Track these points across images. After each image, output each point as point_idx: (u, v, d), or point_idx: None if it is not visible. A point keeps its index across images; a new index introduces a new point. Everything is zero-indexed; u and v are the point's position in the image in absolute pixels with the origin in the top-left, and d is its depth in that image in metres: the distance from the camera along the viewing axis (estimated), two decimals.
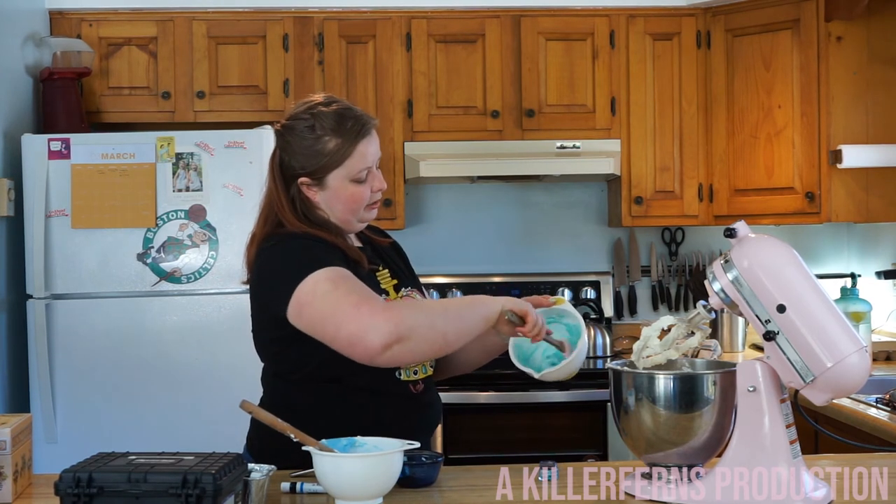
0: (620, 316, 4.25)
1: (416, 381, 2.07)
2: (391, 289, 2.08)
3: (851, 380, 1.63)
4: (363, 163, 2.03)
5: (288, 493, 1.83)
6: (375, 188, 2.06)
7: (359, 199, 2.05)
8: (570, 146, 3.80)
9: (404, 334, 1.80)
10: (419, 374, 2.08)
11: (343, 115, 2.03)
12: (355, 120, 2.03)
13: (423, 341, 1.84)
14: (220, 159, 3.34)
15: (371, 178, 2.06)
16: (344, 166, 2.02)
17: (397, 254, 2.23)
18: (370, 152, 2.04)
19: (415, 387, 2.06)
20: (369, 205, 2.07)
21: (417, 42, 3.82)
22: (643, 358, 1.81)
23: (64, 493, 1.49)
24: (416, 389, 2.06)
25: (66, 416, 3.30)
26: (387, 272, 2.11)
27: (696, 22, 3.88)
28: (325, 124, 2.01)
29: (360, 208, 2.06)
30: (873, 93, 3.63)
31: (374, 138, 2.06)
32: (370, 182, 2.05)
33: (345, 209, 2.05)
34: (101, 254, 3.32)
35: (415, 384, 2.06)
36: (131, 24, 3.80)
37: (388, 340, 1.79)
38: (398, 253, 2.23)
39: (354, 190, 2.03)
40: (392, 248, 2.22)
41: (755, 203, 3.76)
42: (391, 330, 1.79)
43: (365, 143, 2.03)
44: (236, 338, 3.30)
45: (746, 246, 1.70)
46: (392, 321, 1.80)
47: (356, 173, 2.03)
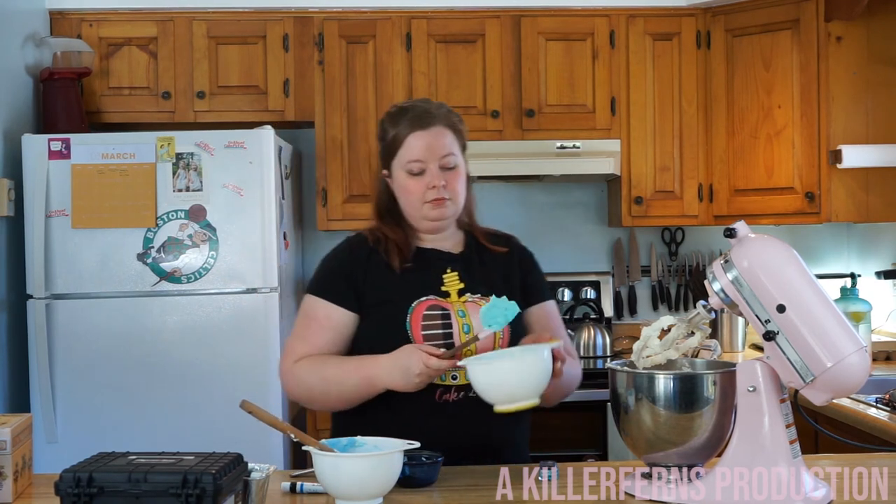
0: (620, 316, 4.25)
1: (450, 387, 2.06)
2: (454, 291, 2.12)
3: (851, 380, 1.63)
4: (411, 154, 2.11)
5: (288, 493, 1.83)
6: (429, 184, 2.10)
7: (412, 192, 2.12)
8: (570, 146, 3.80)
9: (300, 400, 2.19)
10: (459, 380, 2.06)
11: (406, 109, 2.15)
12: (415, 113, 2.13)
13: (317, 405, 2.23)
14: (221, 159, 3.33)
15: (428, 175, 2.10)
16: (398, 156, 2.13)
17: (504, 264, 2.21)
18: (421, 145, 2.11)
19: (446, 394, 2.06)
20: (430, 201, 2.11)
21: (417, 42, 3.82)
22: (643, 358, 1.81)
23: (64, 493, 1.49)
24: (448, 398, 2.05)
25: (66, 416, 3.30)
26: (455, 275, 2.13)
27: (696, 22, 3.88)
28: (391, 118, 2.16)
29: (417, 203, 2.13)
30: (873, 93, 3.63)
31: (434, 134, 2.12)
32: (427, 178, 2.10)
33: (405, 202, 2.15)
34: (101, 254, 3.32)
35: (447, 390, 2.06)
36: (131, 24, 3.80)
37: (291, 397, 2.20)
38: (507, 263, 2.21)
39: (408, 182, 2.12)
40: (501, 257, 2.21)
41: (755, 203, 3.76)
42: (290, 394, 2.18)
43: (417, 136, 2.11)
44: (236, 338, 3.31)
45: (746, 246, 1.71)
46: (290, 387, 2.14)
47: (406, 163, 2.12)
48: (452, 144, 2.15)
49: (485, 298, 2.11)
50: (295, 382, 2.11)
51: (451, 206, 2.14)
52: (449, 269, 2.15)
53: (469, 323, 2.07)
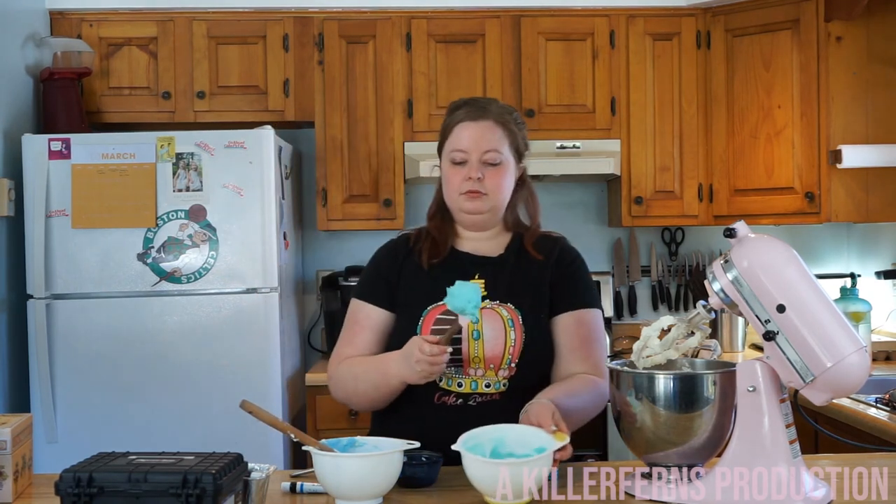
0: (620, 316, 4.25)
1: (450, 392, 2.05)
2: None
3: (851, 380, 1.63)
4: (457, 143, 2.12)
5: (288, 494, 1.83)
6: (467, 175, 2.10)
7: (451, 181, 2.14)
8: (570, 146, 3.80)
9: (342, 401, 2.19)
10: (464, 388, 2.05)
11: (466, 102, 2.18)
12: (471, 106, 2.15)
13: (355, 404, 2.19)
14: (221, 159, 3.33)
15: (468, 166, 2.11)
16: (446, 145, 2.16)
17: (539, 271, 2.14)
18: (466, 136, 2.12)
19: (445, 397, 2.05)
20: (465, 193, 2.11)
21: (417, 42, 3.82)
22: (643, 358, 1.81)
23: (64, 493, 1.49)
24: (446, 400, 2.05)
25: (66, 416, 3.30)
26: (481, 282, 2.10)
27: (696, 22, 3.88)
28: (451, 108, 2.19)
29: (454, 193, 2.13)
30: (873, 93, 3.63)
31: (483, 128, 2.12)
32: (467, 169, 2.11)
33: (445, 192, 2.17)
34: (101, 254, 3.32)
35: (447, 394, 2.05)
36: (131, 24, 3.80)
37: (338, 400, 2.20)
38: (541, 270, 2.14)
39: (449, 171, 2.14)
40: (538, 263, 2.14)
41: (755, 203, 3.76)
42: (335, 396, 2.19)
43: (465, 126, 2.13)
44: (236, 338, 3.31)
45: (746, 246, 1.70)
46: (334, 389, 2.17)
47: (450, 152, 2.13)
48: (500, 141, 2.13)
49: (503, 306, 2.08)
50: (336, 384, 2.15)
51: (488, 201, 2.11)
52: (477, 274, 2.13)
53: (480, 330, 2.04)
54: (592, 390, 2.06)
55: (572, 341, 2.11)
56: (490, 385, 2.05)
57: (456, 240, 2.19)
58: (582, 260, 2.21)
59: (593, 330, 2.14)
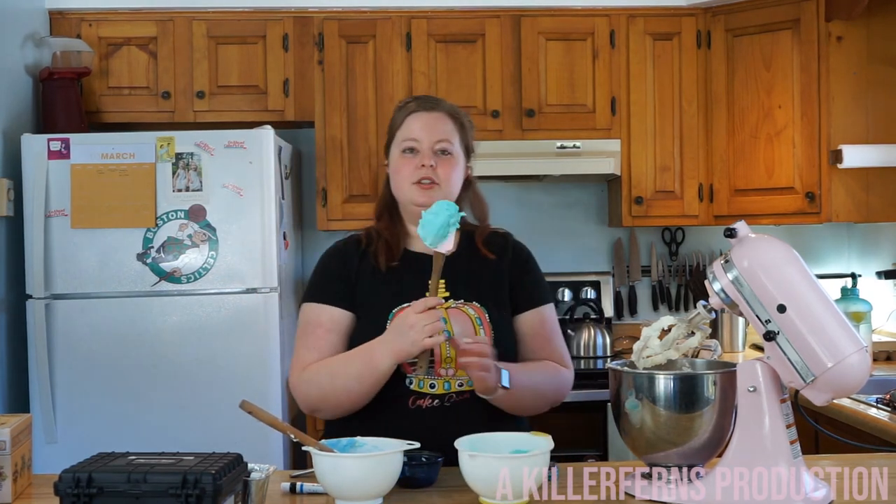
0: (620, 316, 4.25)
1: (425, 394, 2.04)
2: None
3: (852, 380, 1.62)
4: (408, 132, 2.13)
5: (288, 494, 1.83)
6: (419, 163, 2.10)
7: (402, 169, 2.13)
8: (570, 146, 3.80)
9: (316, 406, 2.08)
10: (437, 389, 2.04)
11: (417, 98, 2.21)
12: (417, 100, 2.18)
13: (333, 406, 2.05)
14: (220, 159, 3.33)
15: (420, 154, 2.11)
16: (396, 137, 2.16)
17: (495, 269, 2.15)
18: (418, 125, 2.13)
19: (420, 400, 2.04)
20: (418, 183, 2.10)
21: (417, 42, 3.82)
22: (643, 358, 1.81)
23: (64, 493, 1.49)
24: (422, 403, 2.04)
25: (66, 416, 3.30)
26: (442, 282, 2.08)
27: (696, 22, 3.88)
28: (400, 105, 2.21)
29: (406, 183, 2.12)
30: (873, 93, 3.63)
31: (435, 118, 2.14)
32: (418, 158, 2.11)
33: (395, 185, 2.15)
34: (100, 254, 3.32)
35: (421, 396, 2.04)
36: (131, 24, 3.80)
37: (308, 410, 2.11)
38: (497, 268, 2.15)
39: (400, 162, 2.14)
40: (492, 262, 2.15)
41: (755, 203, 3.76)
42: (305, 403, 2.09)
43: (416, 116, 2.14)
44: (236, 338, 3.31)
45: (746, 246, 1.70)
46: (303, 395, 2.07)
47: (401, 142, 2.14)
48: (451, 133, 2.14)
49: (469, 304, 2.09)
50: (306, 387, 2.06)
51: (439, 192, 2.09)
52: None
53: (450, 329, 2.03)
54: (552, 374, 2.13)
55: (535, 339, 2.15)
56: (463, 384, 2.05)
57: (407, 240, 2.18)
58: (533, 256, 2.27)
59: (553, 324, 2.20)
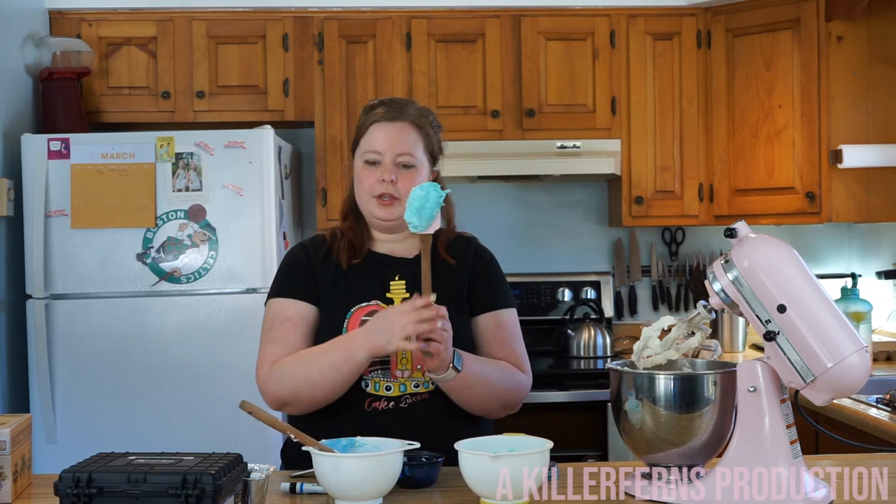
0: (621, 316, 4.25)
1: (381, 396, 2.03)
2: (399, 300, 2.07)
3: (852, 380, 1.62)
4: (370, 143, 2.10)
5: (288, 494, 1.83)
6: (380, 177, 2.08)
7: (364, 181, 2.11)
8: (570, 146, 3.80)
9: (287, 399, 2.02)
10: (393, 391, 2.03)
11: (382, 103, 2.16)
12: (387, 107, 2.13)
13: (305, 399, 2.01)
14: (220, 159, 3.33)
15: (381, 168, 2.09)
16: (360, 145, 2.13)
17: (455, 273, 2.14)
18: (380, 136, 2.10)
19: (376, 402, 2.03)
20: (378, 197, 2.09)
21: (417, 42, 3.82)
22: (643, 358, 1.81)
23: (64, 493, 1.49)
24: (378, 406, 2.03)
25: (66, 416, 3.30)
26: (403, 284, 2.09)
27: (696, 22, 3.88)
28: (366, 108, 2.18)
29: (366, 195, 2.11)
30: (873, 93, 3.63)
31: (398, 129, 2.11)
32: (380, 171, 2.09)
33: (357, 194, 2.14)
34: (100, 254, 3.32)
35: (377, 399, 2.03)
36: (131, 23, 3.80)
37: (276, 405, 2.05)
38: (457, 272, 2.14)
39: (362, 172, 2.12)
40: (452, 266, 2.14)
41: (755, 203, 3.76)
42: (274, 398, 2.03)
43: (379, 126, 2.11)
44: (236, 338, 3.31)
45: (747, 246, 1.70)
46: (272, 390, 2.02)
47: (364, 152, 2.11)
48: (415, 144, 2.11)
49: None
50: (276, 381, 2.02)
51: (399, 207, 2.07)
52: (398, 276, 2.11)
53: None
54: (507, 373, 2.11)
55: (492, 341, 2.14)
56: (419, 385, 2.05)
57: (371, 241, 2.17)
58: (496, 261, 2.25)
59: (513, 328, 2.18)
